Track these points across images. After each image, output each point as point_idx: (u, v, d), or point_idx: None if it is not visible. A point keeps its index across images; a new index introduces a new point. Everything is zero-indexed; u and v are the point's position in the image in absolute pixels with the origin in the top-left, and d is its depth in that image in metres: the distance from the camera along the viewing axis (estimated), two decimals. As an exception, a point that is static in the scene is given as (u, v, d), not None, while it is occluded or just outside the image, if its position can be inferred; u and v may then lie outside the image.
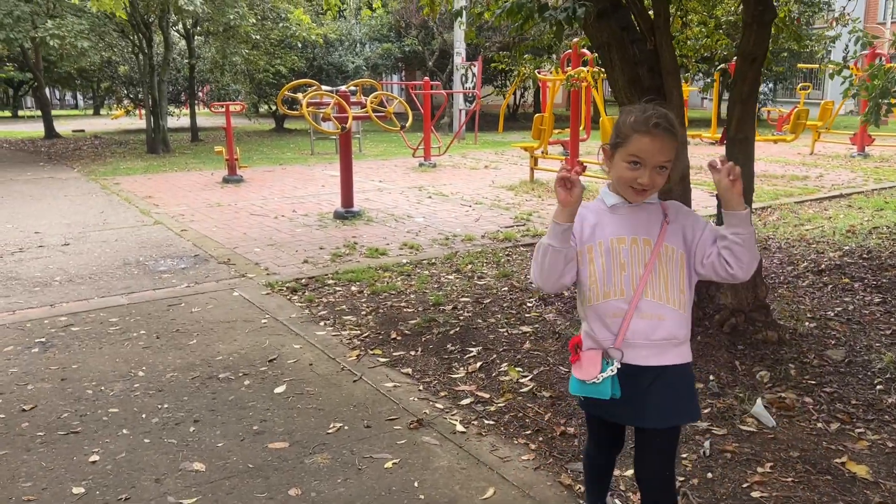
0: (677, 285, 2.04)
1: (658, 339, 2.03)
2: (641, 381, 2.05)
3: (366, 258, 6.70)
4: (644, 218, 2.07)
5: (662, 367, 2.05)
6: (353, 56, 22.07)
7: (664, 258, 2.03)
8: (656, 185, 2.01)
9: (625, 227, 2.06)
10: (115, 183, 12.01)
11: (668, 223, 2.06)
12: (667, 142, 1.98)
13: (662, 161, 1.99)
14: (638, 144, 1.98)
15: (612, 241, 2.05)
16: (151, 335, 4.72)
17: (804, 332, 4.34)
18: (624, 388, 2.06)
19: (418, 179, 12.17)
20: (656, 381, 2.05)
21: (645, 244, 2.04)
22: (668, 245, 2.04)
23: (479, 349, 4.28)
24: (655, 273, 2.03)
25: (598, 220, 2.09)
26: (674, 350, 2.06)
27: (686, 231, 2.07)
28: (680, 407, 2.11)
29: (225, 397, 3.76)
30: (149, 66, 15.71)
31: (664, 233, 2.05)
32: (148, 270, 6.37)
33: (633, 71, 4.04)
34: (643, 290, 2.02)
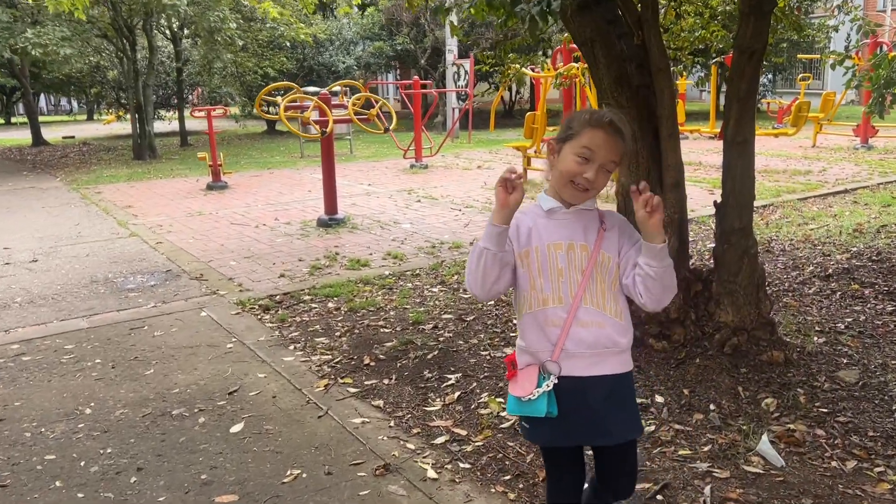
0: (613, 293, 2.01)
1: (599, 347, 1.98)
2: (589, 395, 1.99)
3: (346, 270, 6.34)
4: (581, 224, 2.02)
5: (609, 379, 1.99)
6: (343, 56, 21.68)
7: (601, 266, 1.99)
8: (599, 185, 1.96)
9: (561, 233, 2.01)
10: (97, 192, 11.66)
11: (605, 230, 2.02)
12: (618, 142, 1.96)
13: (611, 159, 1.95)
14: (591, 137, 1.94)
15: (548, 246, 2.00)
16: (107, 364, 4.36)
17: (813, 349, 3.97)
18: (570, 403, 1.99)
19: (409, 182, 11.80)
20: (612, 394, 2.00)
21: (582, 250, 1.99)
22: (604, 252, 2.00)
23: (459, 376, 3.92)
24: (593, 280, 1.99)
25: (534, 224, 2.04)
26: (614, 358, 2.01)
27: (620, 241, 2.03)
28: (634, 418, 2.07)
29: (175, 439, 3.41)
30: (133, 70, 15.35)
31: (601, 240, 2.00)
32: (115, 289, 6.02)
33: (619, 68, 3.68)
34: (582, 297, 1.98)
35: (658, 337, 3.87)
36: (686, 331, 3.86)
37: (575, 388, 1.99)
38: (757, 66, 3.41)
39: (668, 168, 3.72)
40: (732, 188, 3.70)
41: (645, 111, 3.81)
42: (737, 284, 3.79)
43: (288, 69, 19.65)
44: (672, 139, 3.67)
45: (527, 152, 10.89)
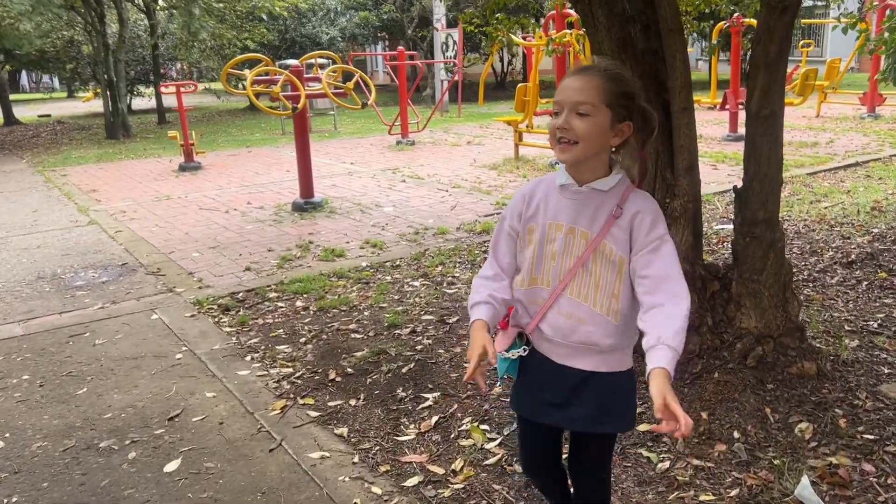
0: (609, 290, 1.78)
1: (575, 341, 1.81)
2: (564, 380, 1.86)
3: (320, 262, 5.76)
4: (591, 207, 1.78)
5: (588, 373, 1.83)
6: (327, 26, 20.85)
7: (600, 256, 1.77)
8: (580, 131, 1.68)
9: (566, 213, 1.80)
10: (63, 175, 11.00)
11: (617, 217, 1.75)
12: (589, 81, 1.70)
13: (579, 100, 1.69)
14: (559, 88, 1.75)
15: (549, 224, 1.82)
16: (35, 382, 3.79)
17: (848, 357, 3.42)
18: (549, 381, 1.89)
19: (394, 160, 11.17)
20: (583, 384, 1.84)
21: (582, 237, 1.78)
22: (606, 243, 1.76)
23: (437, 395, 3.36)
24: (586, 270, 1.79)
25: (544, 197, 1.85)
26: (595, 357, 1.83)
27: (634, 233, 1.74)
28: (606, 414, 1.87)
29: (97, 481, 2.85)
30: (103, 45, 14.57)
31: (608, 227, 1.76)
32: (62, 286, 5.43)
33: (622, 31, 3.08)
34: (568, 284, 1.80)
35: (669, 346, 3.31)
36: (702, 339, 3.30)
37: (551, 371, 1.88)
38: (789, 24, 2.81)
39: (680, 149, 3.13)
40: (756, 171, 3.12)
41: (653, 82, 3.21)
42: (761, 284, 3.23)
43: (269, 41, 18.85)
44: (685, 114, 3.08)
45: (518, 126, 10.26)
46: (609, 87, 1.69)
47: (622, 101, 1.71)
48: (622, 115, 1.71)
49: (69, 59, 23.27)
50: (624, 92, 1.71)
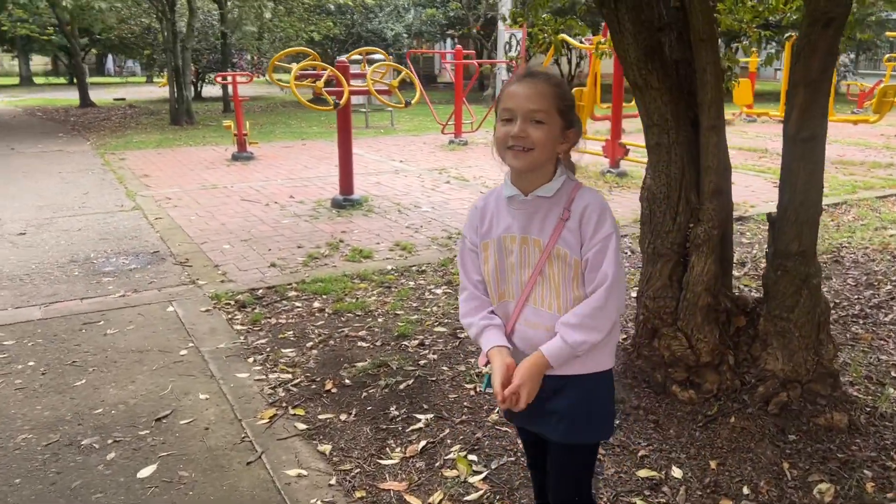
0: (570, 294, 1.78)
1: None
2: (542, 388, 1.80)
3: (346, 262, 5.64)
4: (540, 214, 1.78)
5: (566, 378, 1.80)
6: (393, 23, 20.83)
7: (557, 261, 1.77)
8: (535, 139, 1.70)
9: (516, 224, 1.81)
10: (121, 158, 11.24)
11: (566, 220, 1.75)
12: (542, 88, 1.72)
13: (531, 107, 1.70)
14: (508, 94, 1.75)
15: (503, 238, 1.83)
16: (38, 369, 3.78)
17: (887, 410, 3.09)
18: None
19: (443, 160, 11.01)
20: (560, 391, 1.81)
21: (535, 245, 1.79)
22: (559, 247, 1.76)
23: (430, 417, 3.18)
24: (545, 278, 1.79)
25: (496, 211, 1.86)
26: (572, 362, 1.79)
27: (582, 231, 1.75)
28: (579, 424, 1.84)
29: (69, 482, 2.77)
30: (172, 32, 14.87)
31: (558, 232, 1.76)
32: (91, 271, 5.46)
33: (650, 38, 2.83)
34: (529, 294, 1.81)
35: (684, 384, 3.05)
36: (721, 378, 3.03)
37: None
38: (834, 39, 2.51)
39: (707, 170, 2.86)
40: (792, 199, 2.83)
41: (682, 95, 2.95)
42: (791, 322, 2.94)
43: (335, 34, 18.94)
44: (714, 132, 2.81)
45: (571, 132, 9.95)
46: (559, 94, 1.73)
47: (570, 109, 1.76)
48: (570, 121, 1.76)
49: (146, 45, 23.96)
50: (569, 100, 1.76)
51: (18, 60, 41.25)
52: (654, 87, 2.86)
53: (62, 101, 23.85)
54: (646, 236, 3.09)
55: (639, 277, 3.43)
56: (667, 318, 3.05)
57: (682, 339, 3.01)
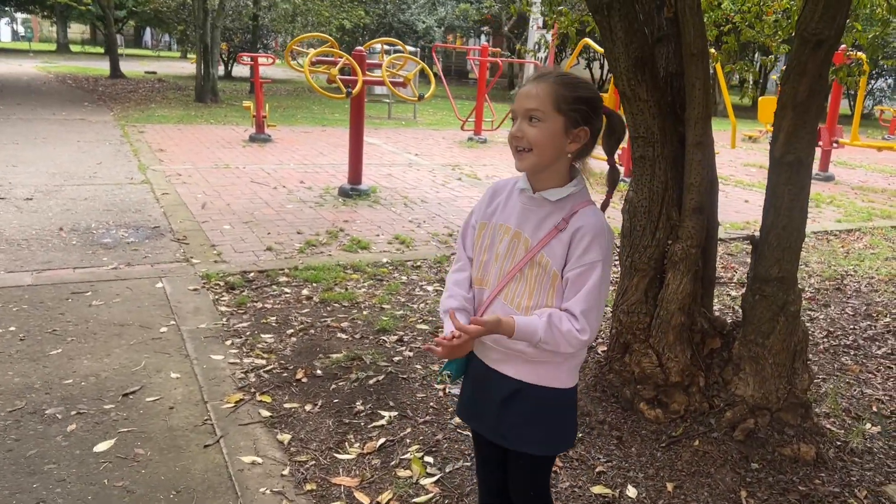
0: (542, 301, 1.75)
1: (503, 346, 1.76)
2: (493, 388, 1.82)
3: (342, 251, 5.63)
4: (540, 215, 1.75)
5: (514, 381, 1.78)
6: (426, 15, 20.80)
7: (537, 267, 1.74)
8: (531, 137, 1.68)
9: (515, 217, 1.79)
10: (140, 131, 11.33)
11: (560, 230, 1.72)
12: (541, 87, 1.69)
13: (528, 106, 1.69)
14: (516, 97, 1.74)
15: (499, 226, 1.81)
16: (18, 335, 3.81)
17: (858, 445, 3.01)
18: (479, 388, 1.88)
19: (459, 156, 10.97)
20: (513, 398, 1.80)
21: (523, 244, 1.76)
22: (543, 255, 1.73)
23: (394, 415, 3.15)
24: (522, 277, 1.76)
25: (506, 198, 1.84)
26: (524, 366, 1.78)
27: (571, 249, 1.71)
28: (530, 435, 1.81)
29: (24, 450, 2.79)
30: (202, 10, 14.96)
31: (548, 239, 1.73)
32: (89, 241, 5.50)
33: (642, 48, 2.76)
34: (503, 288, 1.78)
35: (652, 403, 2.99)
36: (690, 400, 2.97)
37: (485, 376, 1.84)
38: (825, 61, 2.43)
39: (689, 187, 2.80)
40: (775, 223, 2.76)
41: (671, 109, 2.89)
42: (765, 348, 2.87)
43: (365, 24, 18.94)
44: (700, 149, 2.75)
45: (588, 138, 9.86)
46: (560, 92, 1.67)
47: (575, 106, 1.69)
48: (576, 119, 1.69)
49: (180, 20, 24.16)
50: (577, 97, 1.69)
51: (57, 27, 41.84)
52: (642, 98, 2.80)
53: (94, 71, 24.14)
54: (625, 249, 3.04)
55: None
56: (639, 333, 3.00)
57: (653, 357, 2.95)
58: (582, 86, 1.72)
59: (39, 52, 38.26)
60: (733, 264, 5.89)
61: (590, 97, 1.72)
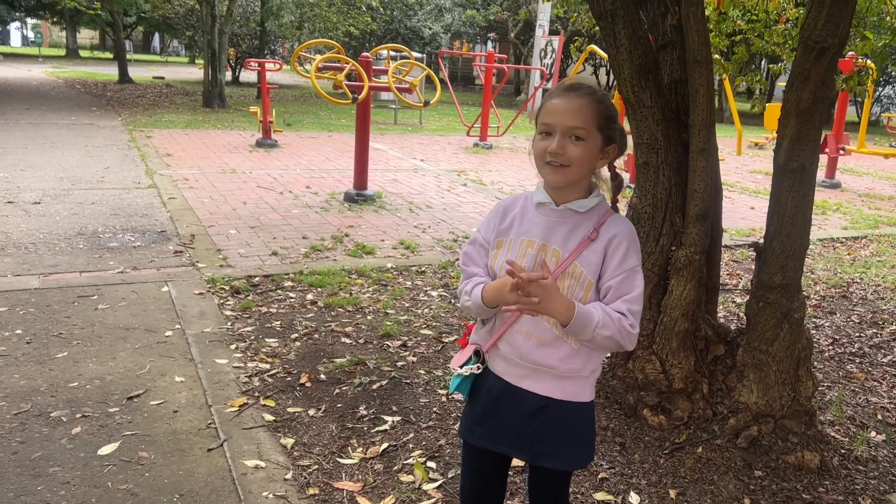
0: None
1: (532, 362, 1.74)
2: (520, 407, 1.78)
3: (347, 256, 5.65)
4: (567, 226, 1.73)
5: (541, 398, 1.75)
6: (432, 22, 20.86)
7: (569, 278, 1.71)
8: (573, 156, 1.66)
9: (540, 230, 1.75)
10: (148, 136, 11.39)
11: (592, 240, 1.71)
12: (582, 104, 1.67)
13: (572, 124, 1.65)
14: (547, 108, 1.71)
15: (521, 241, 1.77)
16: (24, 338, 3.83)
17: (863, 454, 3.00)
18: (503, 407, 1.81)
19: (464, 162, 10.99)
20: (540, 415, 1.76)
21: (553, 255, 1.73)
22: (577, 265, 1.70)
23: (398, 420, 3.16)
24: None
25: (521, 213, 1.81)
26: (552, 382, 1.75)
27: (608, 259, 1.69)
28: (561, 449, 1.79)
29: (30, 452, 2.80)
30: (210, 15, 15.05)
31: (581, 248, 1.71)
32: (96, 245, 5.53)
33: (645, 55, 2.77)
34: None
35: (655, 409, 2.99)
36: (693, 406, 2.97)
37: (503, 394, 1.80)
38: (829, 69, 2.44)
39: (693, 194, 2.80)
40: (779, 230, 2.76)
41: (676, 115, 2.90)
42: (769, 356, 2.87)
43: (372, 30, 19.01)
44: (703, 156, 2.75)
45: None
46: (600, 110, 1.68)
47: (610, 125, 1.70)
48: (610, 138, 1.71)
49: (188, 26, 24.30)
50: (610, 115, 1.71)
51: (66, 32, 42.09)
52: (646, 105, 2.81)
53: (102, 76, 24.28)
54: (629, 256, 3.04)
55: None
56: (643, 340, 3.00)
57: (656, 364, 2.95)
58: (610, 103, 1.74)
59: (49, 57, 38.50)
60: (738, 271, 5.88)
61: (615, 115, 1.74)
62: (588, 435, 1.84)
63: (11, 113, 13.36)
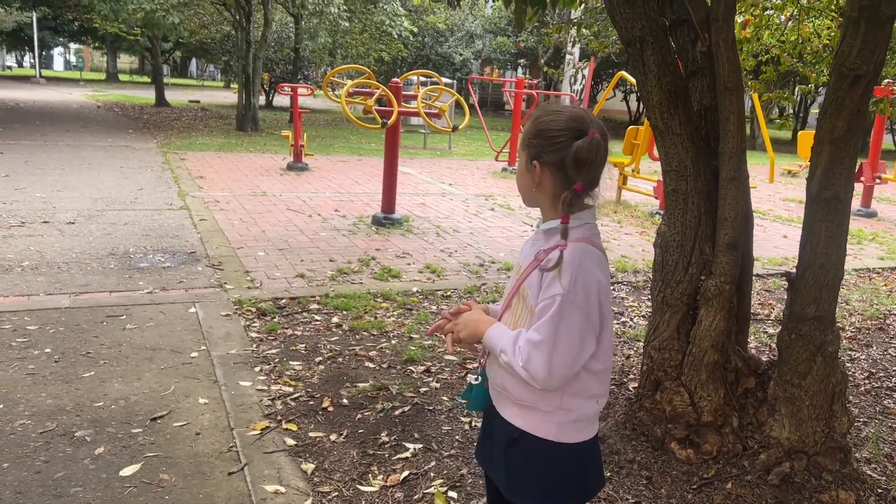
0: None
1: (496, 382, 1.74)
2: (499, 433, 1.75)
3: (373, 279, 5.65)
4: (534, 247, 1.70)
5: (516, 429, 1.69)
6: (463, 48, 21.03)
7: (520, 299, 1.68)
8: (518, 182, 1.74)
9: (524, 251, 1.76)
10: (181, 158, 11.59)
11: (540, 260, 1.63)
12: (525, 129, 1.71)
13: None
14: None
15: (518, 264, 1.77)
16: (53, 357, 3.87)
17: (902, 494, 2.89)
18: (486, 429, 1.85)
19: (492, 186, 10.99)
20: (513, 444, 1.70)
21: (517, 275, 1.73)
22: (525, 286, 1.66)
23: (419, 448, 3.12)
24: (511, 310, 1.72)
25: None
26: (512, 407, 1.70)
27: (542, 282, 1.61)
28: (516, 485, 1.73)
29: (53, 472, 2.81)
30: (245, 41, 15.34)
31: (529, 270, 1.66)
32: (126, 265, 5.60)
33: (675, 82, 2.74)
34: (500, 316, 1.75)
35: (683, 442, 2.91)
36: (723, 440, 2.89)
37: (491, 415, 1.81)
38: (863, 96, 2.39)
39: (723, 222, 2.75)
40: (812, 261, 2.69)
41: (705, 142, 2.86)
42: (802, 389, 2.78)
43: (403, 56, 19.21)
44: (734, 184, 2.71)
45: (623, 169, 9.82)
46: (527, 128, 1.68)
47: (533, 142, 1.64)
48: (531, 154, 1.66)
49: (224, 51, 24.81)
50: (537, 131, 1.64)
51: (107, 57, 43.27)
52: (675, 132, 2.77)
53: (140, 99, 24.83)
54: (656, 284, 2.99)
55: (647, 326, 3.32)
56: (671, 371, 2.93)
57: (685, 395, 2.88)
58: (544, 118, 1.64)
59: (90, 81, 39.54)
60: (771, 301, 5.76)
61: (541, 130, 1.62)
62: (565, 479, 1.70)
63: (52, 134, 13.70)
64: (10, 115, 17.31)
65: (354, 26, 17.86)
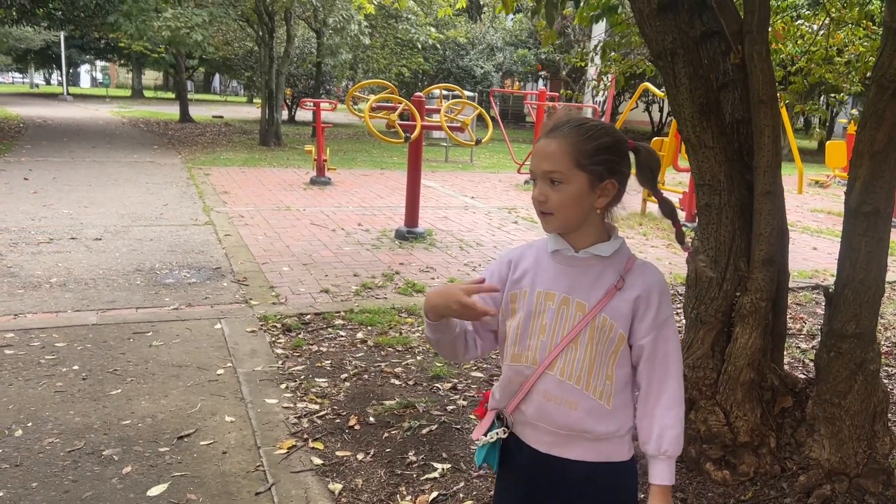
0: (604, 371, 1.55)
1: (564, 427, 1.57)
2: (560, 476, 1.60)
3: (397, 294, 5.62)
4: (591, 275, 1.56)
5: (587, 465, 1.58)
6: (484, 61, 21.07)
7: (598, 331, 1.54)
8: (552, 202, 1.51)
9: (560, 282, 1.57)
10: (206, 174, 11.68)
11: (619, 289, 1.54)
12: (557, 145, 1.50)
13: (549, 169, 1.51)
14: (532, 151, 1.64)
15: (538, 294, 1.58)
16: (80, 374, 3.88)
17: (949, 518, 2.78)
18: (541, 479, 1.63)
19: (515, 199, 10.95)
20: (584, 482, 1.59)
21: (578, 308, 1.55)
22: (605, 316, 1.53)
23: (447, 468, 3.07)
24: (579, 346, 1.55)
25: (535, 263, 1.62)
26: (587, 445, 1.58)
27: (640, 311, 1.54)
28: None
29: (80, 492, 2.80)
30: (268, 57, 15.48)
31: (607, 299, 1.54)
32: (152, 281, 5.63)
33: (707, 94, 2.69)
34: (553, 362, 1.56)
35: (719, 464, 2.84)
36: (760, 461, 2.81)
37: (534, 463, 1.63)
38: (905, 108, 2.32)
39: (759, 237, 2.69)
40: (851, 276, 2.62)
41: (739, 156, 2.80)
42: (842, 409, 2.70)
43: (424, 70, 19.28)
44: (769, 198, 2.64)
45: (648, 182, 9.71)
46: (579, 147, 1.49)
47: (598, 158, 1.50)
48: (601, 172, 1.51)
49: (247, 67, 25.08)
50: (598, 147, 1.50)
51: (132, 74, 44.00)
52: (708, 145, 2.72)
53: (164, 115, 25.15)
54: (690, 301, 2.93)
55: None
56: (706, 389, 2.86)
57: (720, 415, 2.81)
58: (600, 131, 1.52)
59: (115, 98, 40.19)
60: (802, 314, 5.64)
61: (611, 144, 1.52)
62: (634, 492, 1.67)
63: (79, 151, 13.90)
64: (38, 132, 17.61)
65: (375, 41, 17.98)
